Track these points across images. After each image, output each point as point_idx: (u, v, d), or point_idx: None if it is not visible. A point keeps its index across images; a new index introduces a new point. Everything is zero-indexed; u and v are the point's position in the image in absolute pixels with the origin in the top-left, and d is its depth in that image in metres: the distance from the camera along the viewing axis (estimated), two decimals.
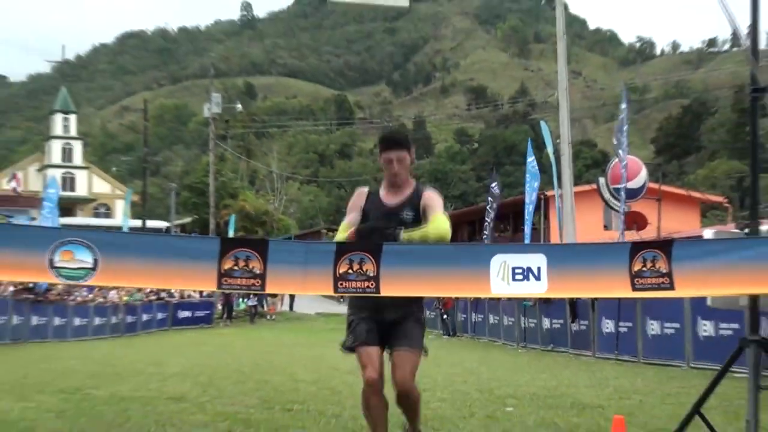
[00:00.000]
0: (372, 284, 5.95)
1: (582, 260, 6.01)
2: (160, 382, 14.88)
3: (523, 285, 6.03)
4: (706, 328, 18.21)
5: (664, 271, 5.71)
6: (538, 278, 5.87)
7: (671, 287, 5.84)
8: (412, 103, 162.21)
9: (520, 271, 5.89)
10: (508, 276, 5.89)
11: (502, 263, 5.93)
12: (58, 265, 5.61)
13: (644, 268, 5.75)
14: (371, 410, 6.62)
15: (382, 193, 6.94)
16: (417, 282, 6.06)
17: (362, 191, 7.05)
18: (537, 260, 5.90)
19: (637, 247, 5.93)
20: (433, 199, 6.79)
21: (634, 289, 5.87)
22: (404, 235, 6.40)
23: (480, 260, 6.09)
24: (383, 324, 6.73)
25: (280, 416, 10.40)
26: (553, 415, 11.00)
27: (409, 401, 6.74)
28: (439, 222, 6.55)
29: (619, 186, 22.29)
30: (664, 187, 42.37)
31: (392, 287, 6.02)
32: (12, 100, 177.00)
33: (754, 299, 7.14)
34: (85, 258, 5.61)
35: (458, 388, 14.24)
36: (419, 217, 6.72)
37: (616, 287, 5.91)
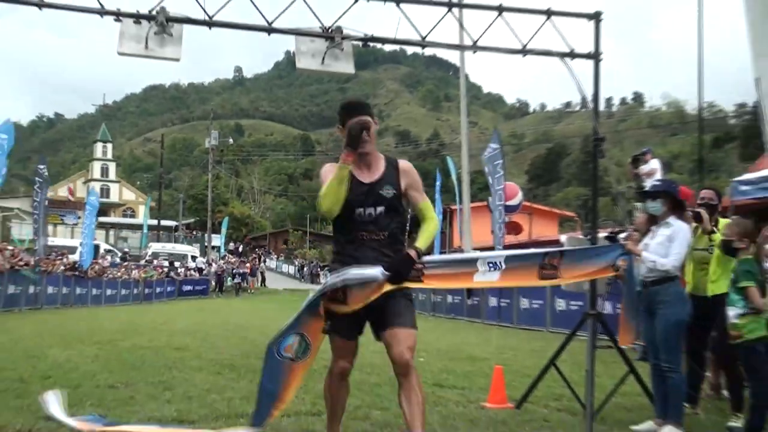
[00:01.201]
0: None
1: (517, 260, 5.93)
2: (168, 336, 14.82)
3: (490, 274, 5.76)
4: (561, 304, 18.58)
5: (555, 265, 5.76)
6: (497, 269, 5.83)
7: (557, 277, 5.89)
8: None
9: (492, 264, 5.79)
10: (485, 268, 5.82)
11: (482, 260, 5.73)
12: None
13: (546, 263, 5.78)
14: (334, 396, 5.21)
15: (353, 169, 4.96)
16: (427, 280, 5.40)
17: (333, 165, 5.07)
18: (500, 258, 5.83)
19: (546, 254, 5.93)
20: (413, 175, 5.14)
21: (540, 278, 5.91)
22: (419, 245, 4.98)
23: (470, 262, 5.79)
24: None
25: (255, 362, 10.31)
26: (453, 365, 11.11)
27: (410, 382, 4.81)
28: (432, 215, 5.12)
29: (500, 203, 22.54)
30: (534, 205, 43.82)
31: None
32: (66, 132, 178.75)
33: (593, 285, 7.29)
34: None
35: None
36: (400, 192, 5.01)
37: (530, 277, 5.87)
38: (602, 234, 7.41)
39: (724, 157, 73.51)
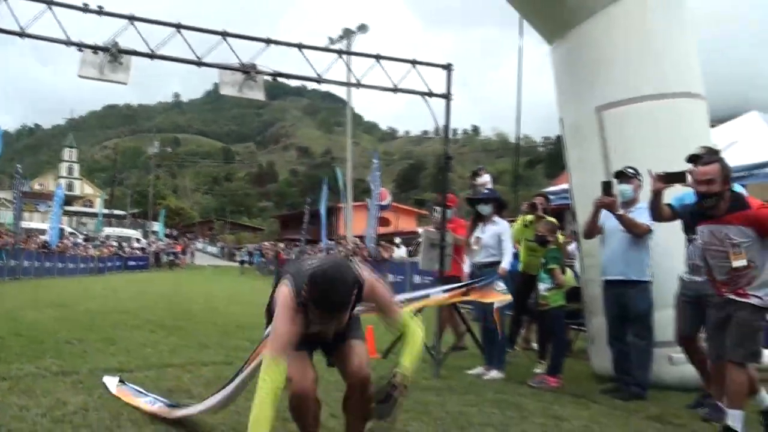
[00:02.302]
0: None
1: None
2: (115, 301, 14.28)
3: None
4: (417, 278, 18.71)
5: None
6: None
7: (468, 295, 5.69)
8: (267, 155, 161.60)
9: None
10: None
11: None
12: None
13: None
14: (306, 413, 3.37)
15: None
16: None
17: (289, 297, 3.11)
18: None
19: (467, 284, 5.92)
20: (377, 295, 3.29)
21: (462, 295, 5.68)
22: (406, 365, 3.30)
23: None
24: None
25: (182, 323, 10.15)
26: None
27: (365, 394, 3.32)
28: (412, 327, 3.41)
29: (378, 203, 22.87)
30: (399, 205, 44.15)
31: None
32: (43, 139, 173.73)
33: (441, 263, 7.34)
34: None
35: None
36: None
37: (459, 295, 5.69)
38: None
39: (534, 175, 76.80)
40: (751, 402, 4.40)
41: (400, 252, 23.17)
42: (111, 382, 5.06)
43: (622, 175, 5.93)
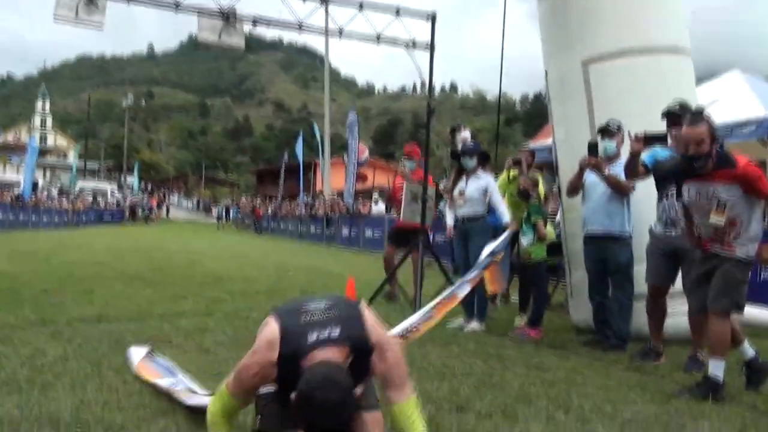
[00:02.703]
0: None
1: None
2: (90, 254, 14.13)
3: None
4: None
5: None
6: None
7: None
8: (242, 109, 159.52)
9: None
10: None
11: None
12: None
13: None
14: None
15: None
16: None
17: (269, 349, 2.42)
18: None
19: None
20: (390, 360, 2.49)
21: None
22: None
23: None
24: None
25: (158, 275, 10.10)
26: (315, 278, 11.03)
27: None
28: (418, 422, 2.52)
29: (355, 158, 22.68)
30: (377, 161, 44.05)
31: None
32: (15, 90, 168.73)
33: (422, 217, 7.30)
34: None
35: (261, 263, 14.06)
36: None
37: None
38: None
39: (512, 133, 76.97)
40: (737, 352, 4.48)
41: (379, 207, 23.15)
42: (137, 353, 4.17)
43: (606, 131, 5.90)
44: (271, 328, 2.47)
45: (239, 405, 2.56)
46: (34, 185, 35.61)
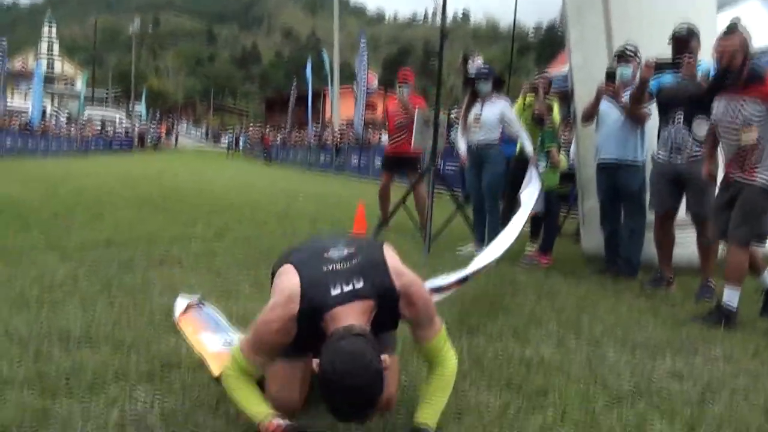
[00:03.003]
0: None
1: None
2: (100, 180, 14.08)
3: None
4: None
5: None
6: None
7: None
8: (250, 36, 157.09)
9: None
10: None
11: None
12: None
13: None
14: None
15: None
16: None
17: (289, 309, 2.10)
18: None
19: None
20: (418, 306, 2.23)
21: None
22: (428, 421, 2.24)
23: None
24: None
25: (169, 202, 10.07)
26: (325, 205, 11.00)
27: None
28: (447, 357, 2.34)
29: (364, 87, 22.35)
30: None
31: None
32: (20, 16, 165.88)
33: (434, 145, 7.15)
34: None
35: (271, 190, 14.01)
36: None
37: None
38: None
39: (525, 62, 75.61)
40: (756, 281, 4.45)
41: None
42: (182, 302, 3.39)
43: (622, 56, 5.71)
44: (290, 280, 2.18)
45: (255, 371, 2.18)
46: (43, 112, 35.35)
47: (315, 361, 1.97)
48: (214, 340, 2.82)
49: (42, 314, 3.40)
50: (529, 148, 6.22)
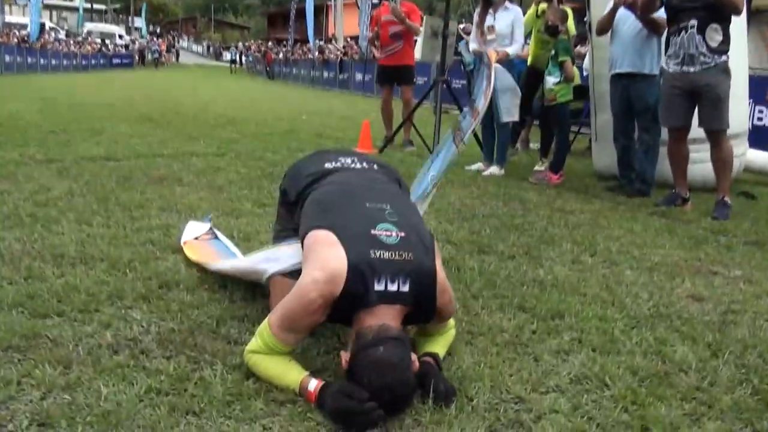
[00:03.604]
0: None
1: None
2: (100, 96, 13.78)
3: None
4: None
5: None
6: None
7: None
8: None
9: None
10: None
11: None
12: None
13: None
14: None
15: None
16: None
17: (338, 276, 1.85)
18: None
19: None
20: (445, 300, 2.02)
21: None
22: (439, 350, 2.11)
23: None
24: None
25: (170, 117, 9.84)
26: (330, 122, 10.79)
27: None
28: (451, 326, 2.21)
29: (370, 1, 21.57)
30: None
31: None
32: None
33: (443, 57, 6.87)
34: None
35: (274, 106, 13.72)
36: None
37: None
38: None
39: None
40: None
41: None
42: (194, 228, 3.31)
43: None
44: (336, 257, 1.89)
45: (285, 351, 1.94)
46: (41, 27, 34.48)
47: (344, 356, 1.85)
48: (225, 265, 2.70)
49: (35, 231, 3.26)
50: (514, 50, 5.94)
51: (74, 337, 2.12)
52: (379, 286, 1.87)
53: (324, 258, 1.90)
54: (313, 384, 1.82)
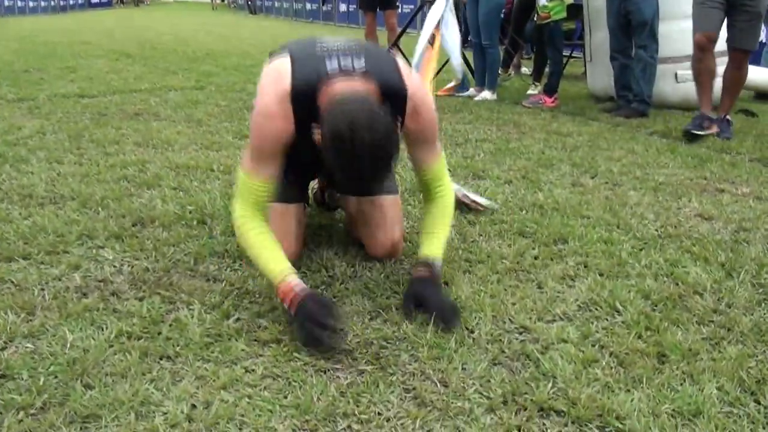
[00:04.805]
0: None
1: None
2: (75, 35, 13.24)
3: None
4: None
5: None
6: None
7: None
8: None
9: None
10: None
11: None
12: None
13: None
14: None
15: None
16: None
17: (281, 92, 1.76)
18: None
19: None
20: (424, 122, 1.88)
21: None
22: (436, 253, 1.90)
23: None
24: None
25: (148, 52, 9.38)
26: None
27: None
28: (446, 187, 1.99)
29: None
30: None
31: None
32: None
33: None
34: None
35: (256, 39, 13.24)
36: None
37: None
38: None
39: None
40: None
41: None
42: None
43: None
44: (277, 59, 1.85)
45: (266, 190, 1.80)
46: None
47: (317, 131, 1.65)
48: None
49: (3, 172, 3.05)
50: None
51: (40, 281, 1.95)
52: (332, 64, 1.75)
53: (267, 69, 1.89)
54: (290, 294, 1.68)
